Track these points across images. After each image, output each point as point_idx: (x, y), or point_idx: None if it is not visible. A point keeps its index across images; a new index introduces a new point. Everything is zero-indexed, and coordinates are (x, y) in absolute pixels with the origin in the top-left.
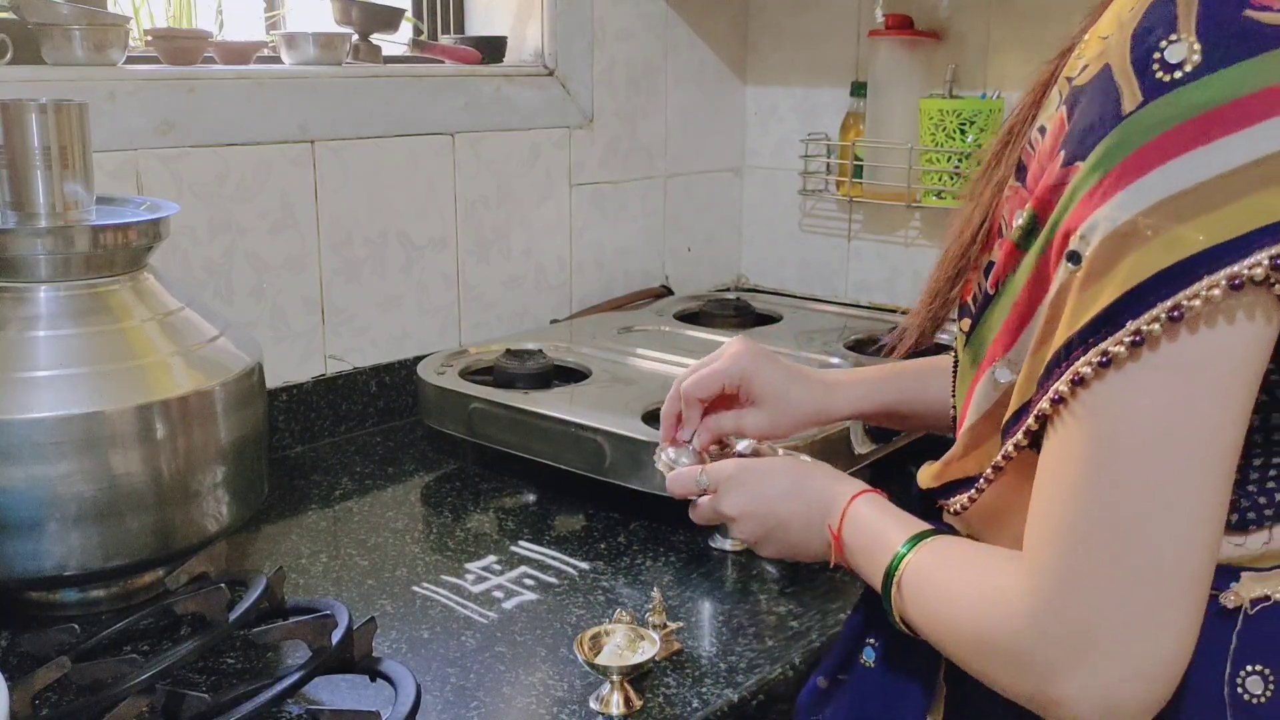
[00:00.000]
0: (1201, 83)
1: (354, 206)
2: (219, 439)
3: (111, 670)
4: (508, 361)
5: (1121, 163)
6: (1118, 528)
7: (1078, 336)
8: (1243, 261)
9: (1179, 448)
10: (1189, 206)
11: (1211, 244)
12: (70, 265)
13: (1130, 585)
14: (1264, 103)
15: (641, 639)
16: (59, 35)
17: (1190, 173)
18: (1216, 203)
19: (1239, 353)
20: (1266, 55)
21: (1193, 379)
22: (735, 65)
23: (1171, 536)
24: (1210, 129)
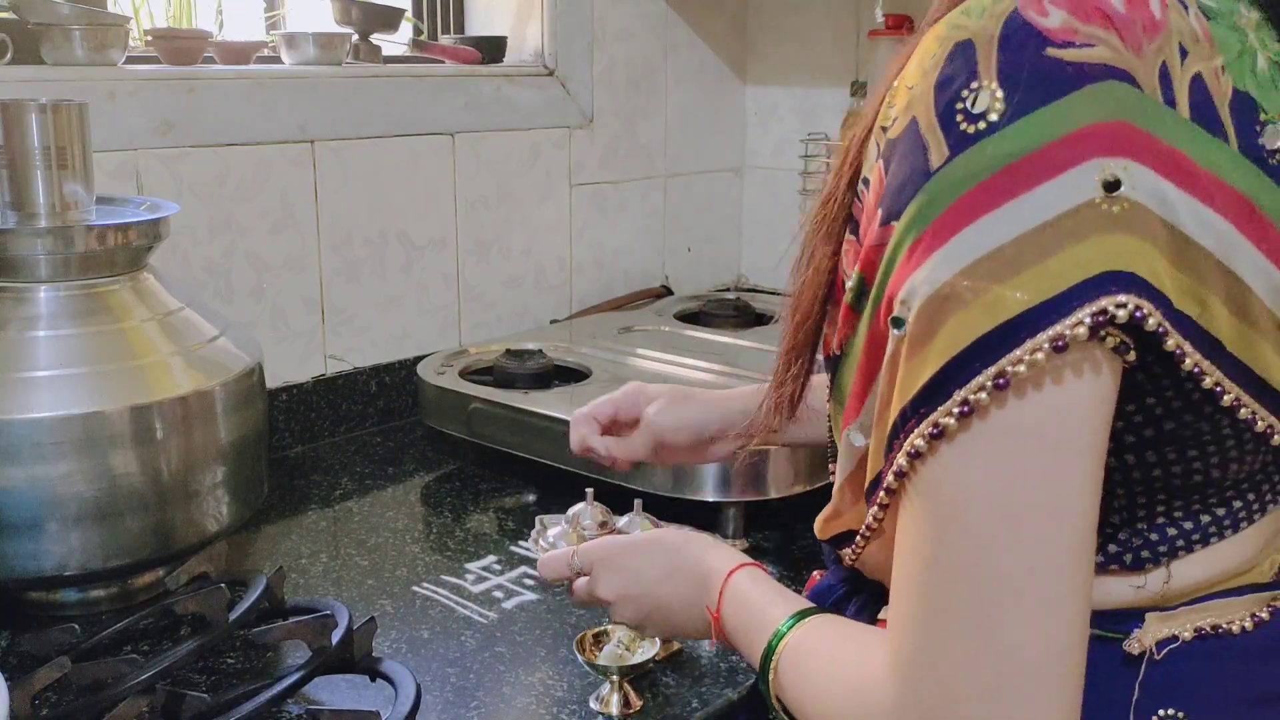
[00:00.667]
0: (1005, 132)
1: (354, 206)
2: (219, 439)
3: (111, 670)
4: (508, 361)
5: (934, 222)
6: (970, 615)
7: (910, 406)
8: (1064, 321)
9: (1024, 523)
10: (1006, 265)
11: (1032, 304)
12: (70, 265)
13: (989, 676)
14: (1071, 148)
15: (641, 639)
16: (59, 35)
17: (1003, 229)
18: (1033, 259)
19: (1074, 414)
20: (1071, 96)
21: (1027, 446)
22: (735, 65)
23: (1023, 622)
24: (1018, 182)
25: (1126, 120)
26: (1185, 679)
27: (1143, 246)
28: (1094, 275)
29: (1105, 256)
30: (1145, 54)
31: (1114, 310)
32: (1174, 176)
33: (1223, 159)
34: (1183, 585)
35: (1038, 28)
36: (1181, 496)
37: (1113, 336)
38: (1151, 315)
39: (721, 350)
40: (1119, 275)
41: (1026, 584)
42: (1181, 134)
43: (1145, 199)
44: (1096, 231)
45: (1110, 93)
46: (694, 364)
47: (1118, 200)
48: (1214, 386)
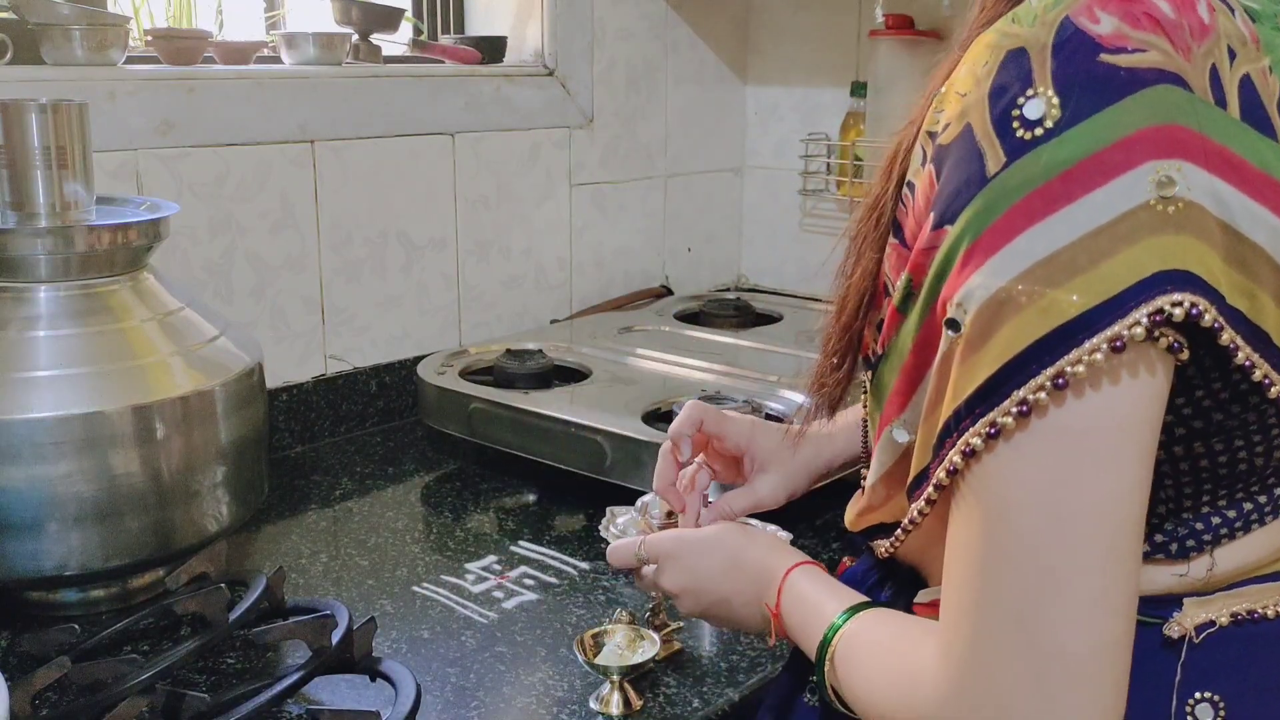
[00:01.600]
0: (1062, 139)
1: (354, 206)
2: (219, 439)
3: (111, 670)
4: (508, 361)
5: (990, 228)
6: (1017, 611)
7: (964, 407)
8: (1121, 321)
9: (1073, 522)
10: (1061, 270)
11: (1088, 307)
12: (70, 265)
13: (1034, 670)
14: (1124, 152)
15: (641, 639)
16: (59, 35)
17: (1059, 235)
18: (1087, 263)
19: (1128, 414)
20: (1125, 101)
21: (1083, 445)
22: (735, 65)
23: (1071, 619)
24: (1073, 187)
25: (1179, 123)
26: (1222, 663)
27: (1197, 245)
28: (1149, 275)
29: (1160, 257)
30: (1195, 57)
31: (1170, 309)
32: (1226, 175)
33: (1272, 157)
34: (1224, 572)
35: (1090, 34)
36: (1226, 485)
37: (1165, 336)
38: (1208, 311)
39: (721, 350)
40: (1174, 274)
41: (1074, 581)
42: (1233, 133)
43: (1200, 198)
44: (1151, 232)
45: (1163, 96)
46: (694, 364)
47: (1173, 201)
48: (1263, 379)
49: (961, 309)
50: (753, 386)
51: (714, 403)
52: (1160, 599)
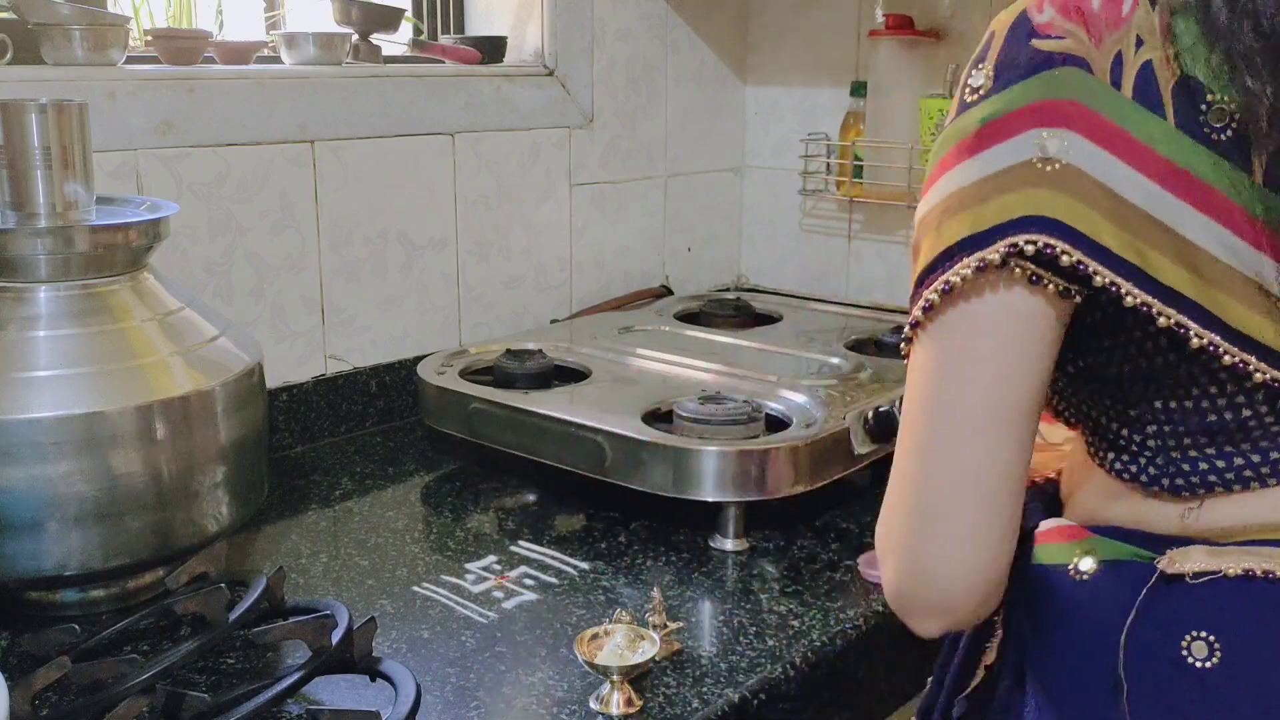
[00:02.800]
0: (985, 103)
1: (354, 206)
2: (219, 439)
3: (111, 670)
4: (508, 361)
5: (935, 165)
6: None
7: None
8: (986, 249)
9: (950, 396)
10: (958, 205)
11: (964, 235)
12: (70, 265)
13: (914, 507)
14: (1021, 118)
15: (641, 639)
16: (59, 35)
17: (965, 177)
18: (974, 202)
19: (993, 322)
20: (1033, 78)
21: (959, 339)
22: (735, 65)
23: (943, 471)
24: (983, 142)
25: (1073, 99)
26: (1222, 610)
27: (1069, 200)
28: (1016, 218)
29: (1030, 204)
30: (1104, 44)
31: (1023, 245)
32: (1111, 146)
33: (1158, 133)
34: (1222, 523)
35: (1032, 22)
36: (1206, 435)
37: (1023, 268)
38: (1067, 254)
39: (721, 350)
40: (1038, 220)
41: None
42: (1124, 111)
43: (1078, 161)
44: (1027, 185)
45: (1065, 77)
46: (694, 364)
47: (1051, 161)
48: (1173, 325)
49: (914, 228)
50: (753, 386)
51: (714, 403)
52: (1167, 539)
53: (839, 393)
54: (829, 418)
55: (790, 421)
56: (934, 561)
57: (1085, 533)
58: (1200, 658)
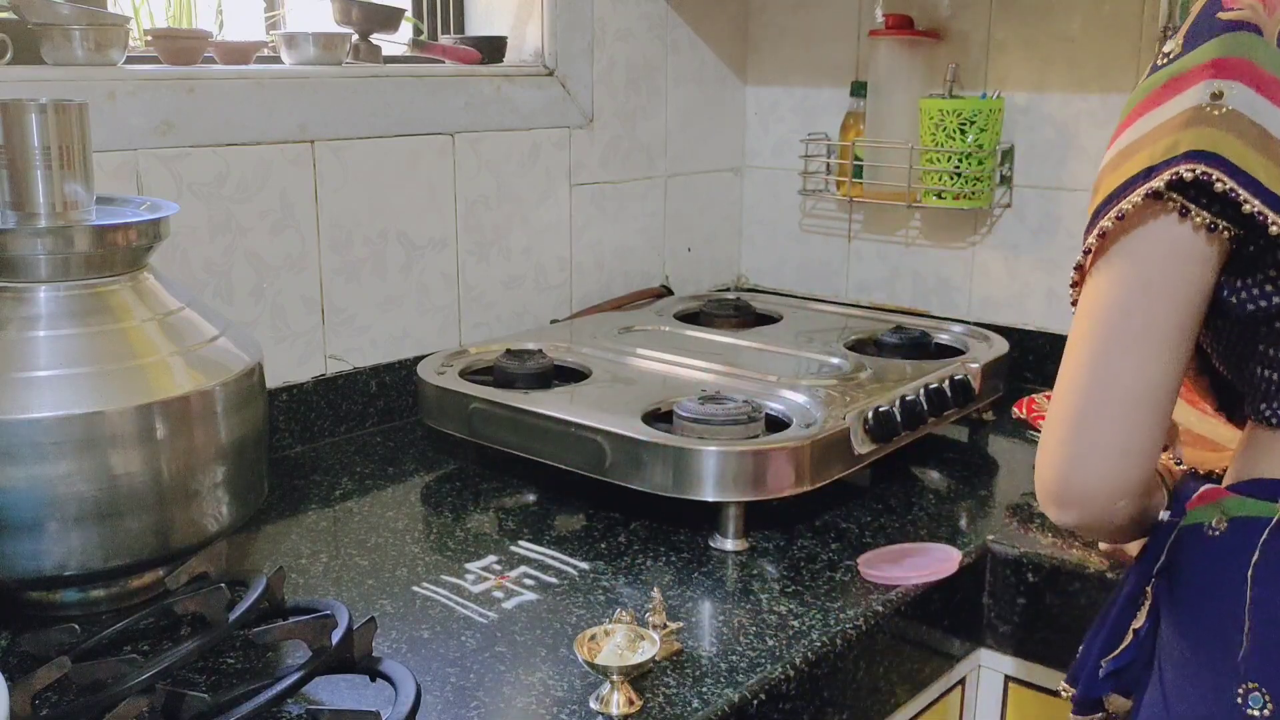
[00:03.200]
0: (1173, 65)
1: (354, 206)
2: (219, 439)
3: (111, 670)
4: (508, 361)
5: (1124, 119)
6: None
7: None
8: (1157, 178)
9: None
10: (1140, 145)
11: (1140, 169)
12: (70, 265)
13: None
14: (1200, 72)
15: (641, 639)
16: (59, 35)
17: (1149, 123)
18: (1152, 142)
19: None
20: (1213, 40)
21: (1131, 256)
22: (735, 65)
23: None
24: (1166, 93)
25: (1246, 57)
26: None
27: (1232, 139)
28: (1183, 152)
29: (1195, 140)
30: (1276, 15)
31: (1184, 173)
32: (1271, 95)
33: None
34: None
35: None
36: None
37: (1173, 200)
38: (1221, 181)
39: (721, 350)
40: (1202, 154)
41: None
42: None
43: (1240, 107)
44: (1196, 125)
45: (1240, 39)
46: (694, 364)
47: (1219, 106)
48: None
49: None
50: (753, 386)
51: (714, 403)
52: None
53: (839, 393)
54: (829, 418)
55: (790, 421)
56: (1081, 461)
57: (1225, 492)
58: None
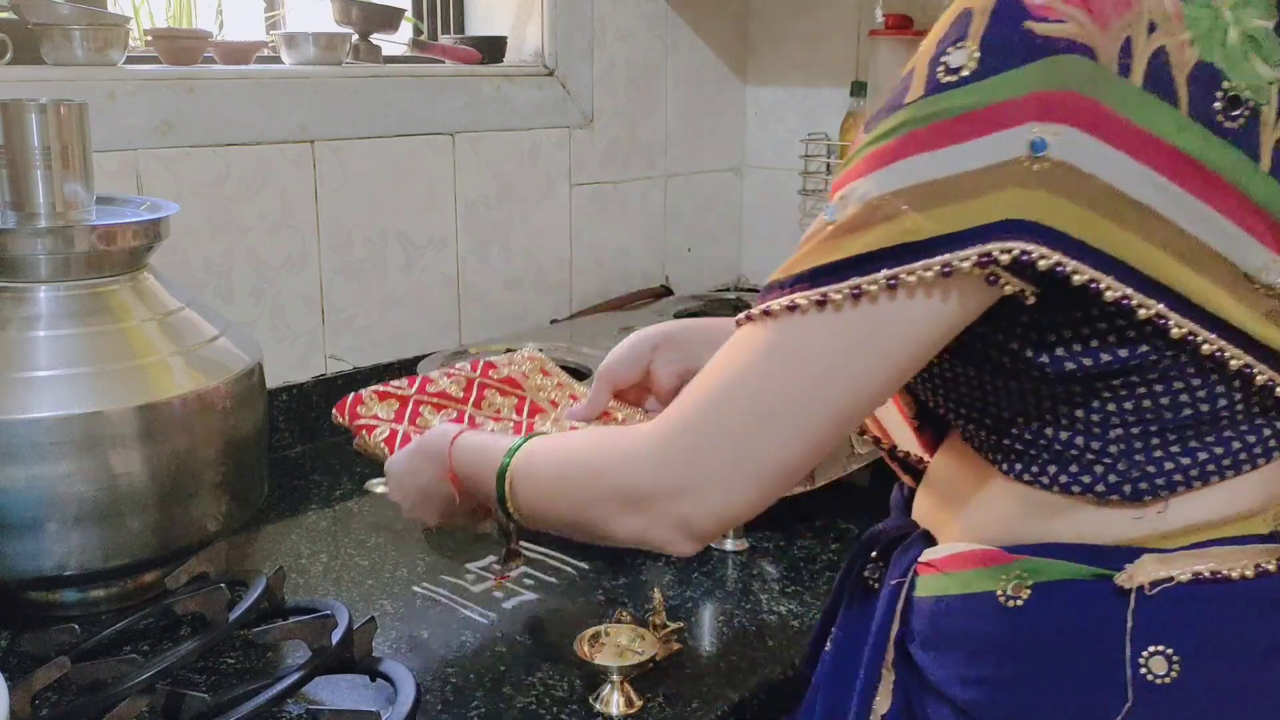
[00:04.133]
0: (970, 88)
1: (354, 206)
2: (219, 439)
3: (111, 670)
4: None
5: (891, 142)
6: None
7: (807, 274)
8: (957, 253)
9: (825, 381)
10: (930, 198)
11: (936, 234)
12: (70, 265)
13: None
14: (1012, 110)
15: (641, 639)
16: (59, 35)
17: (939, 167)
18: (951, 198)
19: (919, 328)
20: (1030, 65)
21: (877, 336)
22: (735, 65)
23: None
24: (966, 131)
25: (1073, 90)
26: (1179, 620)
27: (1056, 200)
28: (995, 221)
29: (1010, 207)
30: (1111, 29)
31: (998, 255)
32: (1114, 139)
33: (1169, 122)
34: (1182, 523)
35: (1024, 3)
36: (1175, 431)
37: (993, 271)
38: (1044, 258)
39: None
40: (1019, 223)
41: (795, 426)
42: (1131, 101)
43: (1072, 158)
44: (1013, 184)
45: (1065, 65)
46: None
47: (1042, 160)
48: (1154, 317)
49: (844, 201)
50: None
51: None
52: (1120, 550)
53: None
54: None
55: None
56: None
57: (1010, 556)
58: (1159, 674)
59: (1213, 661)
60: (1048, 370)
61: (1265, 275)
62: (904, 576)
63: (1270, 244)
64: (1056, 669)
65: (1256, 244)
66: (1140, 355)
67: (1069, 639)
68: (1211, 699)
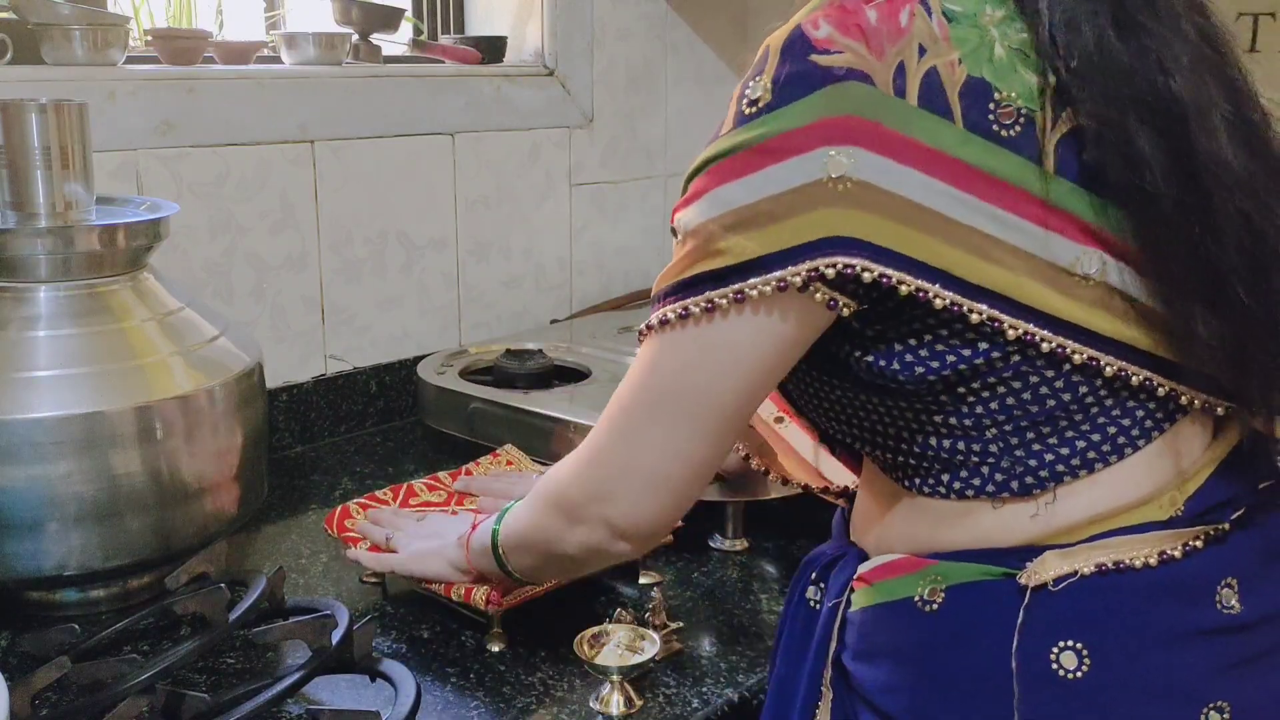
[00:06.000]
0: (765, 119)
1: (354, 206)
2: (219, 439)
3: (111, 670)
4: (508, 361)
5: (706, 174)
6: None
7: (670, 289)
8: (788, 270)
9: (689, 390)
10: (745, 222)
11: (761, 254)
12: (70, 265)
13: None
14: (804, 137)
15: (641, 639)
16: (59, 35)
17: (748, 193)
18: (766, 221)
19: (758, 336)
20: (815, 94)
21: (728, 345)
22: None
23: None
24: (765, 158)
25: (856, 114)
26: (1086, 613)
27: (866, 216)
28: (814, 239)
29: (824, 225)
30: (887, 56)
31: (824, 269)
32: (900, 156)
33: (947, 136)
34: (1079, 516)
35: (809, 38)
36: (1047, 424)
37: (821, 291)
38: (867, 270)
39: None
40: (837, 240)
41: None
42: (911, 119)
43: (870, 177)
44: (822, 205)
45: (847, 91)
46: None
47: (843, 180)
48: (985, 320)
49: (679, 229)
50: None
51: None
52: (1021, 550)
53: None
54: None
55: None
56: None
57: (924, 561)
58: (1070, 668)
59: (1122, 653)
60: (904, 379)
61: (1079, 267)
62: (839, 596)
63: (1075, 237)
64: (970, 670)
65: (1062, 239)
66: (985, 354)
67: (980, 639)
68: (1123, 691)
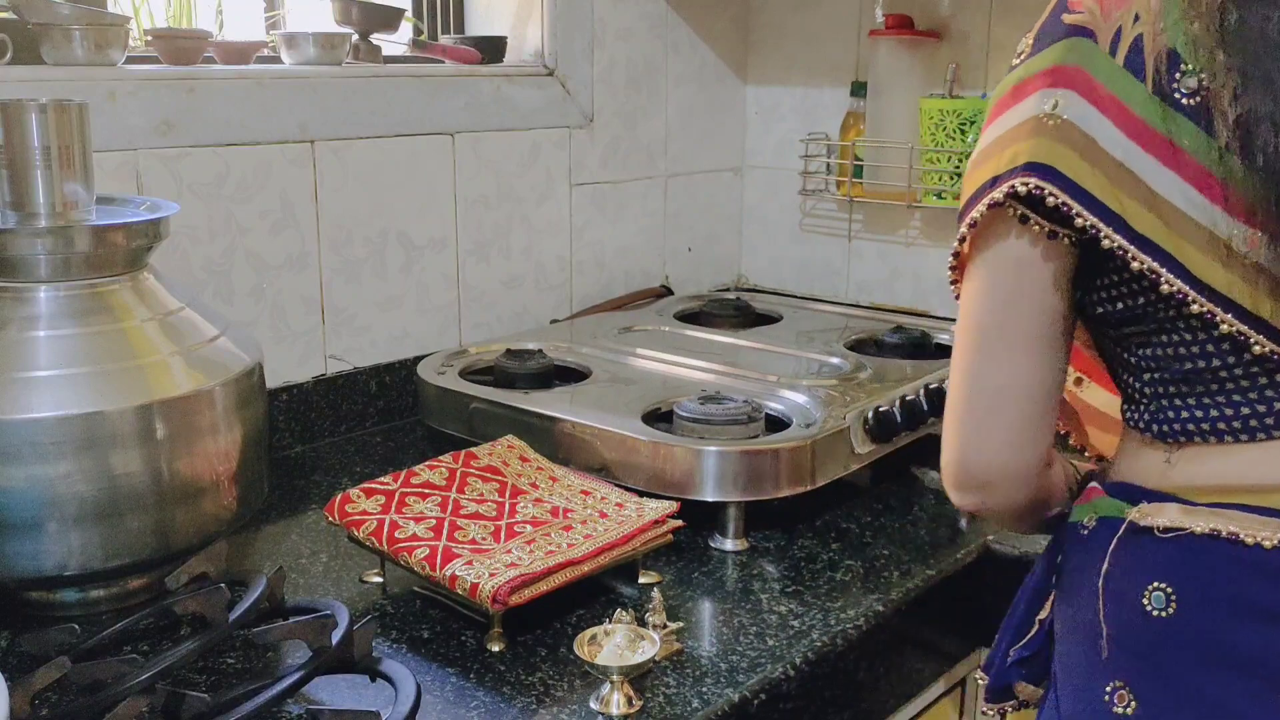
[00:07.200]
0: (1023, 65)
1: (354, 206)
2: (219, 439)
3: (111, 670)
4: (508, 361)
5: (986, 119)
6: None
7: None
8: (997, 189)
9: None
10: (989, 152)
11: (986, 179)
12: (70, 265)
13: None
14: (1039, 80)
15: (641, 639)
16: (59, 35)
17: (998, 129)
18: (999, 149)
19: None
20: (1053, 46)
21: (977, 273)
22: (735, 65)
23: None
24: (1013, 99)
25: (1078, 65)
26: (1183, 564)
27: (1066, 151)
28: (1021, 164)
29: (1031, 152)
30: (1111, 19)
31: (1018, 186)
32: (1100, 105)
33: (1137, 96)
34: (1198, 480)
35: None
36: (1185, 383)
37: (1014, 209)
38: (1053, 195)
39: (721, 350)
40: (1038, 166)
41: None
42: (1115, 77)
43: (1074, 118)
44: (1034, 136)
45: (1075, 45)
46: (694, 364)
47: (1054, 117)
48: (1145, 270)
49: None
50: (753, 386)
51: (714, 403)
52: (1154, 494)
53: (839, 393)
54: (829, 418)
55: (790, 421)
56: (970, 451)
57: (1098, 491)
58: (1158, 606)
59: (1208, 608)
60: (1090, 315)
61: (1236, 245)
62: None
63: (1237, 215)
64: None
65: (1224, 214)
66: (1141, 307)
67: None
68: (1199, 641)
